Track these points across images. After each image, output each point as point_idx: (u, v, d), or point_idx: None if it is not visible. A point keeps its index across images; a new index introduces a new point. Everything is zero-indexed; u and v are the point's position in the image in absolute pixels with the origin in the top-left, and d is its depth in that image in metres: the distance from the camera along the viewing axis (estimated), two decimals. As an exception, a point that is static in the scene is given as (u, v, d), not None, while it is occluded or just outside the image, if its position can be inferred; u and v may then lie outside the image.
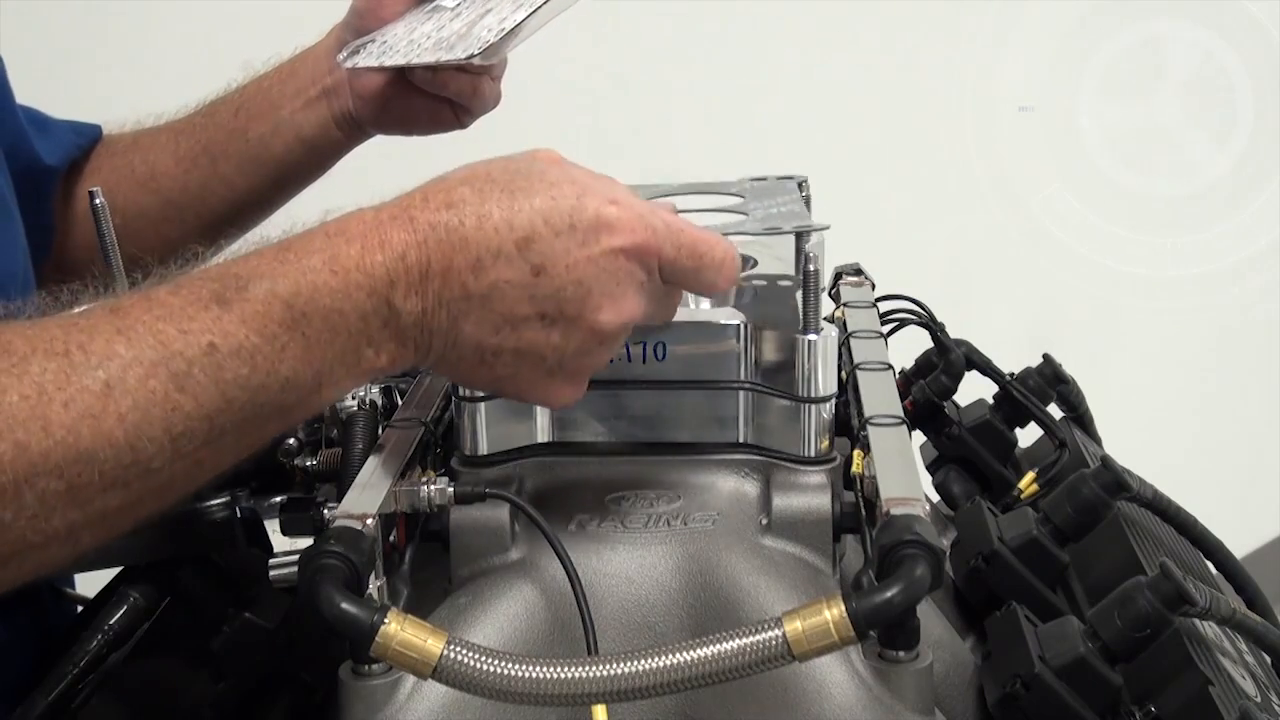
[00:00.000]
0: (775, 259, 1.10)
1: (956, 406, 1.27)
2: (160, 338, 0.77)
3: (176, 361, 0.77)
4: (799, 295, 0.95)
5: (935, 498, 1.23)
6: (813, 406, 0.94)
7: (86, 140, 1.38)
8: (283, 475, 1.03)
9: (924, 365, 1.28)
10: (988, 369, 1.28)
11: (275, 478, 1.03)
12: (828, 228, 1.05)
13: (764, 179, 1.23)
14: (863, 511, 0.93)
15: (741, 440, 0.96)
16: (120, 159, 1.37)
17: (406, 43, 1.19)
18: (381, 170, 1.12)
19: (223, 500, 0.99)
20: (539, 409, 0.96)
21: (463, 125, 1.31)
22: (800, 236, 1.07)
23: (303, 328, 0.80)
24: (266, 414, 0.81)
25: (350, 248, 0.82)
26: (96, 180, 1.35)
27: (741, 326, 0.95)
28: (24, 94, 1.31)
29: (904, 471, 0.90)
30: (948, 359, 1.24)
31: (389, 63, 1.19)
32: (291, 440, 1.03)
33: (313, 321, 0.80)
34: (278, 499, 1.00)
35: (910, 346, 1.28)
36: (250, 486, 1.02)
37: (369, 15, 1.26)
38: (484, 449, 0.96)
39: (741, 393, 0.96)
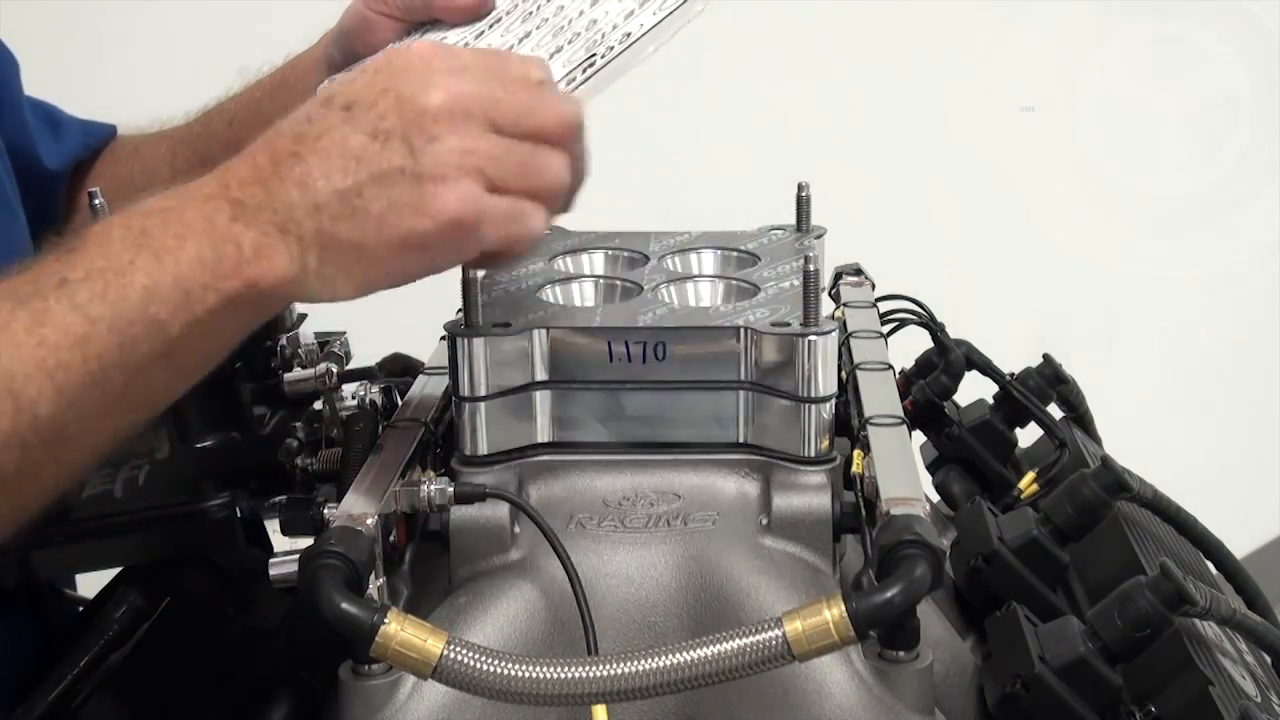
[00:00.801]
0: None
1: (956, 406, 1.27)
2: (13, 288, 0.80)
3: (33, 301, 0.79)
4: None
5: (935, 498, 1.23)
6: (813, 406, 0.94)
7: (96, 140, 1.38)
8: (283, 475, 1.03)
9: (924, 365, 1.28)
10: (988, 369, 1.28)
11: (275, 478, 1.03)
12: None
13: (783, 229, 1.22)
14: (863, 511, 0.93)
15: (741, 440, 0.96)
16: (122, 167, 1.37)
17: None
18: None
19: (223, 500, 0.99)
20: (539, 409, 0.96)
21: None
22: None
23: (144, 240, 0.82)
24: (139, 335, 0.81)
25: (177, 181, 0.85)
26: (99, 185, 1.35)
27: (742, 327, 0.95)
28: (47, 90, 1.31)
29: (904, 471, 0.91)
30: (948, 359, 1.24)
31: None
32: (291, 440, 1.03)
33: (152, 233, 0.82)
34: (278, 499, 1.00)
35: (910, 346, 1.28)
36: (250, 486, 1.02)
37: (356, 38, 1.24)
38: (484, 449, 0.96)
39: (741, 393, 0.96)
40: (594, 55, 0.99)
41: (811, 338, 0.94)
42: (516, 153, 0.86)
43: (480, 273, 0.97)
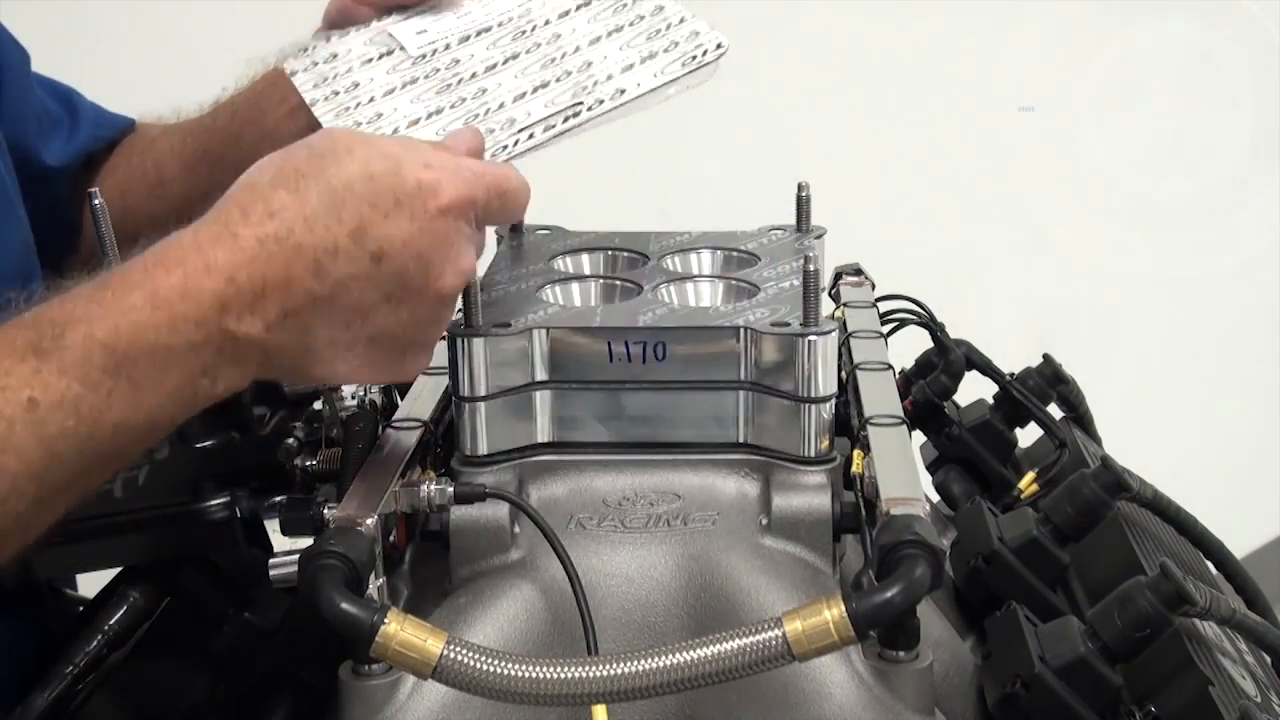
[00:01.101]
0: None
1: (956, 406, 1.27)
2: None
3: None
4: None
5: (935, 498, 1.23)
6: (812, 406, 0.94)
7: (109, 133, 1.36)
8: (283, 475, 1.03)
9: (924, 365, 1.28)
10: (988, 369, 1.28)
11: (275, 478, 1.03)
12: None
13: (783, 229, 1.22)
14: (863, 511, 0.93)
15: (741, 440, 0.96)
16: (136, 160, 1.36)
17: (349, 83, 1.16)
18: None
19: (223, 500, 0.99)
20: (539, 409, 0.96)
21: None
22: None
23: (127, 370, 0.78)
24: (99, 462, 0.80)
25: (170, 277, 0.79)
26: (112, 180, 1.34)
27: (742, 327, 0.95)
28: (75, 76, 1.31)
29: (904, 471, 0.91)
30: (948, 359, 1.24)
31: (318, 110, 1.14)
32: (291, 440, 1.03)
33: (138, 363, 0.78)
34: (278, 499, 1.00)
35: (910, 346, 1.28)
36: (250, 486, 1.02)
37: (341, 27, 1.24)
38: (484, 449, 0.96)
39: (741, 393, 0.96)
40: (579, 104, 0.97)
41: (811, 338, 0.94)
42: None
43: (480, 273, 0.97)
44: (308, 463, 1.02)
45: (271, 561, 0.90)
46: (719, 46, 1.01)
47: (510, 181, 0.91)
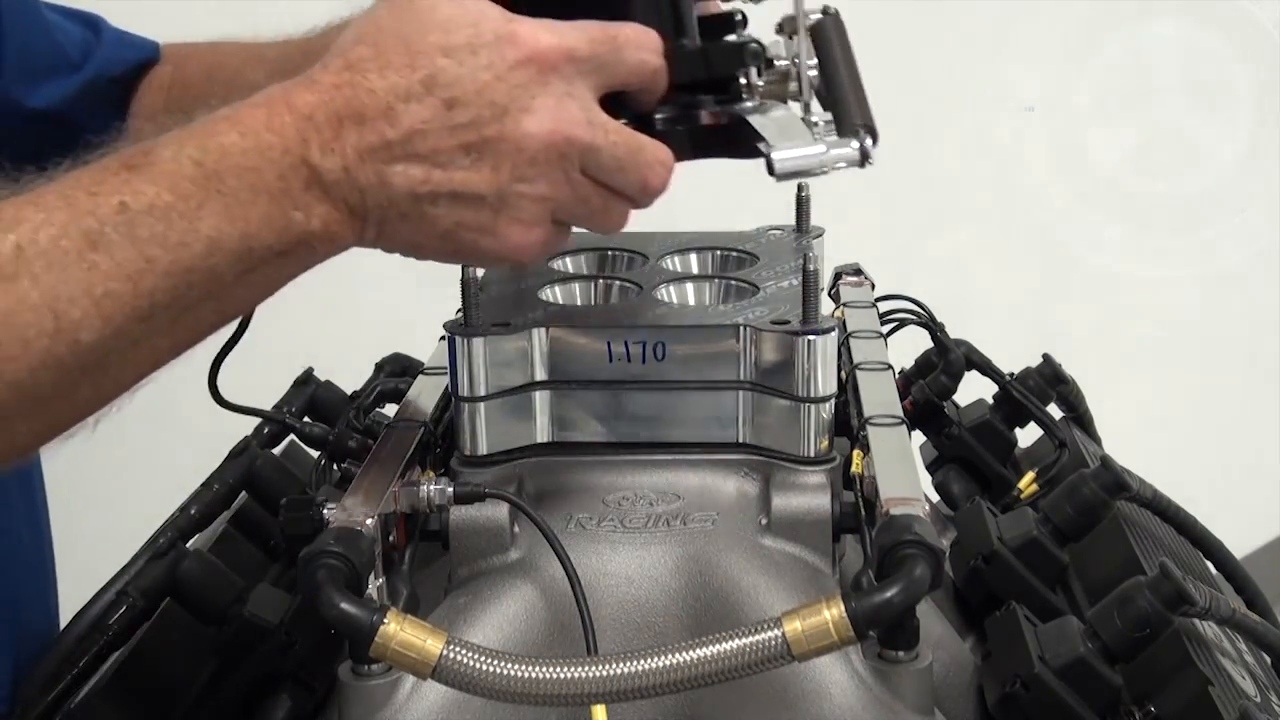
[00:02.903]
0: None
1: (956, 406, 1.27)
2: (69, 201, 0.76)
3: (87, 220, 0.76)
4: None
5: (935, 498, 1.23)
6: (812, 406, 0.94)
7: (117, 69, 1.32)
8: None
9: (924, 365, 1.29)
10: (988, 369, 1.28)
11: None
12: None
13: (782, 229, 1.22)
14: (863, 511, 0.93)
15: (741, 440, 0.96)
16: (220, 91, 1.30)
17: None
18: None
19: None
20: (539, 409, 0.96)
21: None
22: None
23: (217, 185, 0.78)
24: (195, 281, 0.78)
25: (256, 112, 0.80)
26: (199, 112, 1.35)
27: (741, 326, 0.95)
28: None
29: (904, 471, 0.90)
30: (948, 359, 1.24)
31: None
32: None
33: (227, 180, 0.79)
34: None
35: (910, 346, 1.28)
36: None
37: None
38: (484, 449, 0.96)
39: (741, 392, 0.96)
40: None
41: (811, 337, 0.94)
42: (593, 200, 0.86)
43: (480, 272, 0.97)
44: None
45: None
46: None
47: (622, 32, 0.86)
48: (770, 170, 0.85)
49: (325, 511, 0.88)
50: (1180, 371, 2.88)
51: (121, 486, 2.34)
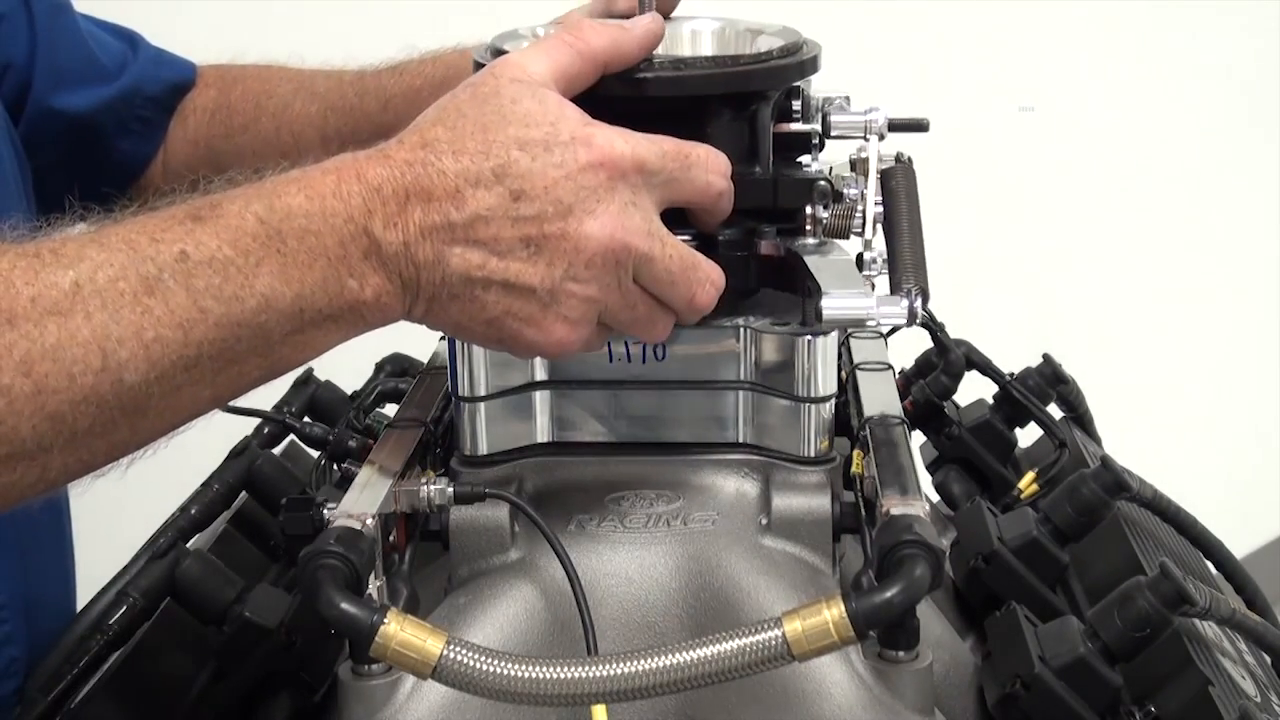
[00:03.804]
0: None
1: (956, 406, 1.27)
2: (131, 244, 0.77)
3: (146, 265, 0.77)
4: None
5: (935, 498, 1.23)
6: (812, 406, 0.94)
7: (155, 88, 1.34)
8: None
9: (924, 365, 1.29)
10: (988, 369, 1.28)
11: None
12: None
13: None
14: (863, 511, 0.93)
15: (741, 440, 0.96)
16: (267, 122, 1.34)
17: None
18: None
19: None
20: (539, 409, 0.96)
21: None
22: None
23: (277, 245, 0.79)
24: (244, 336, 0.79)
25: (326, 178, 0.81)
26: (244, 140, 1.34)
27: (742, 326, 0.95)
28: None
29: (904, 471, 0.91)
30: (948, 359, 1.24)
31: None
32: None
33: (288, 241, 0.80)
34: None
35: (910, 346, 1.28)
36: None
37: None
38: (484, 449, 0.96)
39: (741, 392, 0.96)
40: None
41: (811, 337, 0.94)
42: (639, 309, 0.87)
43: None
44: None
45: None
46: None
47: (695, 151, 0.88)
48: (817, 317, 0.86)
49: (325, 511, 0.88)
50: (1181, 371, 2.88)
51: (121, 486, 2.34)
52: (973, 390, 1.29)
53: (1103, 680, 0.88)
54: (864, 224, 0.95)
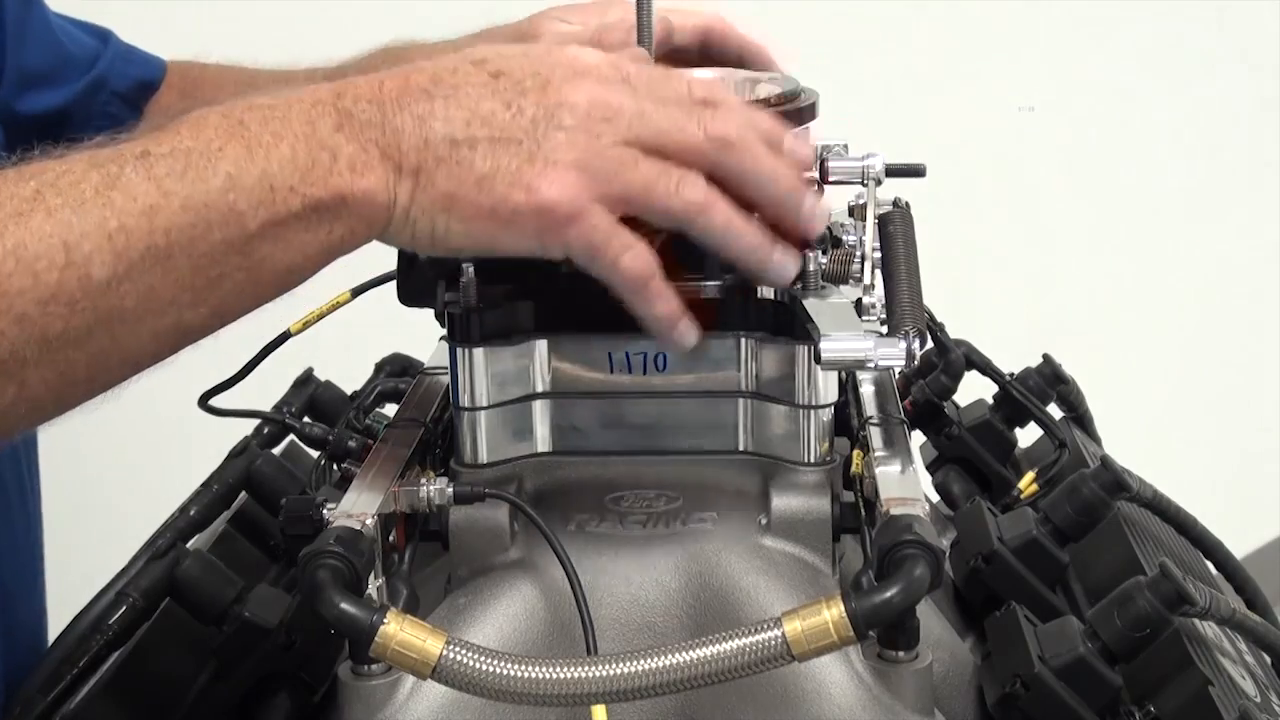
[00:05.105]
0: None
1: (956, 406, 1.27)
2: (92, 156, 0.77)
3: (108, 166, 0.76)
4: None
5: (935, 498, 1.23)
6: (813, 413, 0.94)
7: (123, 85, 1.34)
8: None
9: (924, 365, 1.28)
10: (988, 369, 1.28)
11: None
12: None
13: None
14: (862, 511, 0.93)
15: (742, 448, 0.96)
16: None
17: None
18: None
19: None
20: (538, 419, 0.96)
21: None
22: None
23: (241, 132, 0.78)
24: (214, 221, 0.77)
25: (293, 89, 0.82)
26: None
27: (742, 335, 0.95)
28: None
29: (904, 471, 0.91)
30: (948, 359, 1.24)
31: None
32: None
33: (250, 126, 0.79)
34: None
35: (910, 347, 1.28)
36: None
37: None
38: (484, 458, 0.95)
39: (741, 401, 0.96)
40: None
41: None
42: (643, 167, 0.83)
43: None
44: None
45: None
46: None
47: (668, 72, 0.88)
48: (817, 359, 0.86)
49: (325, 511, 0.88)
50: (1181, 371, 2.88)
51: (121, 487, 2.34)
52: (973, 390, 1.29)
53: (1102, 680, 0.88)
54: (863, 270, 0.94)
